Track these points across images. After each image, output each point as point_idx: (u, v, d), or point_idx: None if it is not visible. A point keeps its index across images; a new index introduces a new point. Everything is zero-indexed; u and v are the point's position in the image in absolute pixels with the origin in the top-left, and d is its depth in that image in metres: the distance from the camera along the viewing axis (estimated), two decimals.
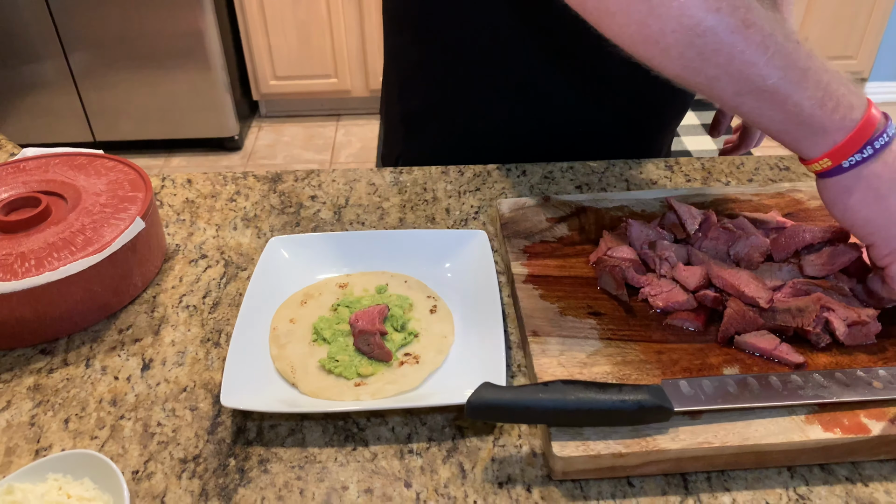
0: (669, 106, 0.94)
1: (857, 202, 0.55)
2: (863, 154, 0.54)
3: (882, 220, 0.55)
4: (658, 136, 0.98)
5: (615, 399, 0.52)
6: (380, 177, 0.90)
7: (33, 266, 0.64)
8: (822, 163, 0.56)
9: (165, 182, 0.90)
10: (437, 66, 0.90)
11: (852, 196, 0.55)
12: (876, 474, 0.54)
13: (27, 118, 2.83)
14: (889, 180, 0.54)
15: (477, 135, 0.93)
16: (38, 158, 0.80)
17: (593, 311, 0.64)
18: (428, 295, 0.70)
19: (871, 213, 0.56)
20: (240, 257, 0.77)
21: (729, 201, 0.78)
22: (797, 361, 0.58)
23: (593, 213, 0.77)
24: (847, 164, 0.55)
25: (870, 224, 0.56)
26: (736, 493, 0.53)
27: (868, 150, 0.54)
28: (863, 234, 0.57)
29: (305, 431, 0.58)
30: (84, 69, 2.72)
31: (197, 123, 2.89)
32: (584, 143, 0.93)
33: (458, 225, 0.81)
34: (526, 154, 0.93)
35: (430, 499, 0.53)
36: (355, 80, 3.05)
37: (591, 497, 0.52)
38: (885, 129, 0.54)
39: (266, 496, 0.53)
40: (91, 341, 0.67)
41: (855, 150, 0.54)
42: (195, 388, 0.62)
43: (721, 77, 0.54)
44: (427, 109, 0.95)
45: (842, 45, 3.04)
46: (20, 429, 0.58)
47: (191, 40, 2.67)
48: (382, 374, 0.61)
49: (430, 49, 0.89)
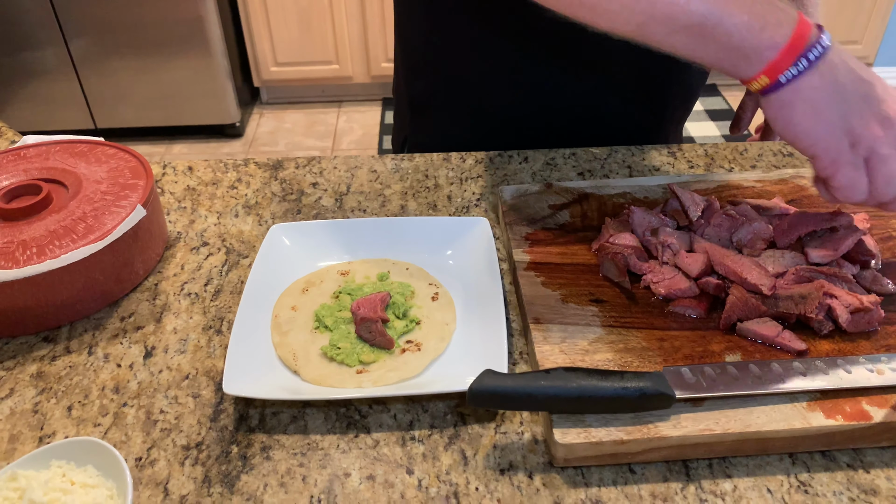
0: (672, 92, 0.93)
1: (797, 116, 0.56)
2: (797, 68, 0.55)
3: (821, 132, 0.56)
4: (663, 125, 0.97)
5: (617, 386, 0.52)
6: (381, 164, 0.90)
7: (35, 254, 0.64)
8: (759, 81, 0.56)
9: (166, 169, 0.90)
10: (441, 52, 0.90)
11: (793, 110, 0.56)
12: (877, 461, 0.54)
13: (28, 106, 2.82)
14: (826, 91, 0.55)
15: (482, 120, 0.93)
16: (38, 146, 0.80)
17: (595, 299, 0.64)
18: (430, 282, 0.70)
19: (811, 126, 0.56)
20: (241, 245, 0.77)
21: (732, 188, 0.78)
22: (799, 348, 0.58)
23: (596, 200, 0.77)
24: (784, 80, 0.55)
25: (810, 136, 0.57)
26: (737, 480, 0.53)
27: (803, 62, 0.54)
28: (804, 146, 0.58)
29: (307, 418, 0.58)
30: (84, 56, 2.71)
31: (198, 110, 2.88)
32: (587, 130, 0.93)
33: (459, 212, 0.81)
34: (531, 140, 0.92)
35: (432, 485, 0.53)
36: (357, 67, 3.03)
37: (592, 484, 0.53)
38: (817, 41, 0.55)
39: (269, 483, 0.53)
40: (93, 329, 0.67)
41: (789, 64, 0.55)
42: (197, 375, 0.62)
43: (648, 23, 0.57)
44: (432, 94, 0.95)
45: (846, 30, 3.02)
46: (23, 416, 0.59)
47: (191, 26, 2.66)
48: (384, 362, 0.61)
49: (434, 34, 0.89)
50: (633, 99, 0.91)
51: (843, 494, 0.52)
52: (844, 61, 0.56)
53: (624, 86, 0.89)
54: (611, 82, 0.88)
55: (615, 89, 0.89)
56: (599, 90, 0.88)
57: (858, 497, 0.51)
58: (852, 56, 0.57)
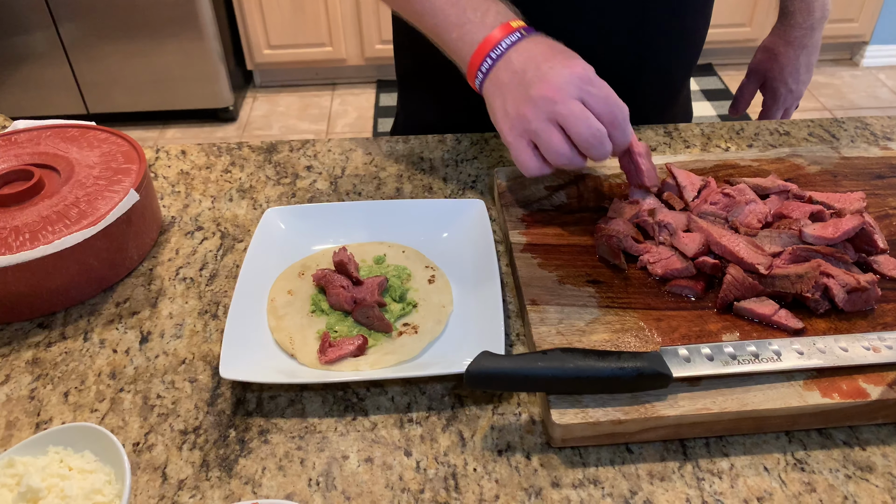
0: (649, 80, 0.92)
1: (494, 108, 0.66)
2: (482, 68, 0.65)
3: (497, 120, 0.65)
4: (660, 95, 0.96)
5: (614, 366, 0.52)
6: (376, 146, 0.89)
7: (28, 240, 0.64)
8: (472, 81, 0.67)
9: (159, 154, 0.89)
10: None
11: (492, 104, 0.66)
12: (873, 438, 0.54)
13: (18, 90, 2.80)
14: (497, 86, 0.65)
15: (465, 96, 0.93)
16: (29, 131, 0.79)
17: (592, 280, 0.64)
18: (426, 265, 0.69)
19: (493, 115, 0.66)
20: (236, 229, 0.76)
21: (729, 167, 0.78)
22: (796, 327, 0.58)
23: (592, 181, 0.76)
24: (478, 83, 0.66)
25: (496, 125, 0.66)
26: (734, 459, 0.53)
27: (487, 62, 0.64)
28: (501, 132, 0.66)
29: (305, 402, 0.58)
30: (75, 40, 2.68)
31: (191, 94, 2.86)
32: None
33: (455, 194, 0.80)
34: None
35: (430, 467, 0.53)
36: (350, 49, 3.01)
37: (590, 464, 0.53)
38: (498, 44, 0.64)
39: (267, 466, 0.53)
40: (88, 315, 0.66)
41: (475, 70, 0.65)
42: (194, 360, 0.62)
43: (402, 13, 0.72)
44: (417, 69, 0.96)
45: (843, 9, 3.00)
46: (20, 402, 0.59)
47: (183, 9, 2.63)
48: (381, 345, 0.61)
49: None
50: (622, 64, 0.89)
51: (840, 472, 0.52)
52: (525, 56, 0.64)
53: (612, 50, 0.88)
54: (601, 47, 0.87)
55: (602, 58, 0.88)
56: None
57: (854, 474, 0.52)
58: (545, 48, 0.64)
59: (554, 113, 0.61)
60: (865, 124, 0.92)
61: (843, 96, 3.05)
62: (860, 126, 0.92)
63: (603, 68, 0.64)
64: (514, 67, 0.63)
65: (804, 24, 0.99)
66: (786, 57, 1.03)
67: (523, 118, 0.63)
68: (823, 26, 1.01)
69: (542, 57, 0.63)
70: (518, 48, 0.64)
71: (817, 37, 1.01)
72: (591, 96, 0.62)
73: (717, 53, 3.22)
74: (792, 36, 1.01)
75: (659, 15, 0.85)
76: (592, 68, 0.64)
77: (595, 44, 0.82)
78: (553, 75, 0.62)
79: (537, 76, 0.62)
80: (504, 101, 0.64)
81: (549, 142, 0.62)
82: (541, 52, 0.64)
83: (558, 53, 0.64)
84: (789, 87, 1.05)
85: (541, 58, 0.63)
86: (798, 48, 1.01)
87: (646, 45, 0.86)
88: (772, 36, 1.04)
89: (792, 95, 1.06)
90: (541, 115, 0.62)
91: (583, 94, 0.62)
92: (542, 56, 0.63)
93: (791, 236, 0.64)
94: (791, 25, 1.00)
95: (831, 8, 0.99)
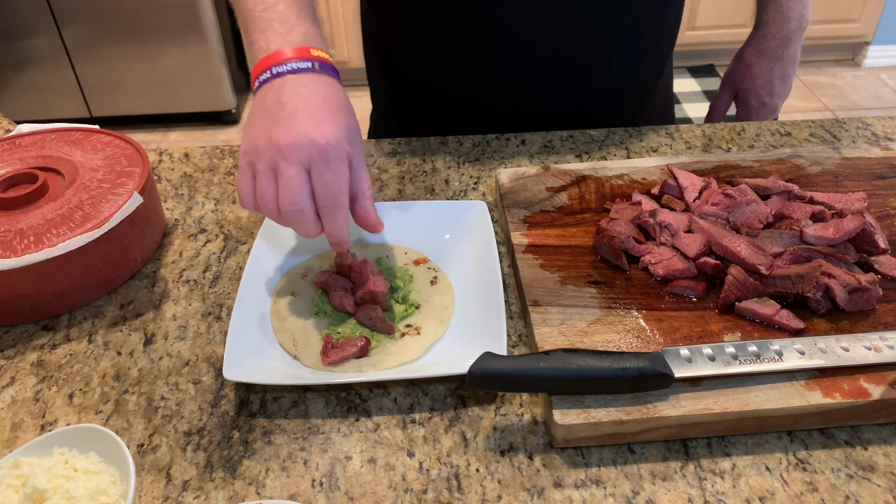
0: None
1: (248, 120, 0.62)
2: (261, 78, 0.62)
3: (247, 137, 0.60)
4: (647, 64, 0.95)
5: (616, 367, 0.52)
6: (378, 148, 0.89)
7: (32, 242, 0.64)
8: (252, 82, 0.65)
9: (163, 156, 0.90)
10: (376, 25, 0.96)
11: (251, 114, 0.62)
12: (875, 437, 0.54)
13: (22, 94, 2.80)
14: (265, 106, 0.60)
15: (451, 106, 0.94)
16: (33, 134, 0.80)
17: (594, 280, 0.64)
18: (428, 266, 0.70)
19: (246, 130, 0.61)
20: (239, 231, 0.77)
21: (730, 168, 0.78)
22: (798, 327, 0.58)
23: (594, 182, 0.76)
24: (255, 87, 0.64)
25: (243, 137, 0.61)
26: (736, 458, 0.53)
27: (266, 73, 0.62)
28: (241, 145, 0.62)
29: (308, 403, 0.58)
30: (78, 43, 2.69)
31: (193, 97, 2.86)
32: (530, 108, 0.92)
33: (457, 196, 0.81)
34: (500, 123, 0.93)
35: (433, 467, 0.53)
36: (352, 51, 3.01)
37: (592, 464, 0.53)
38: (287, 60, 0.62)
39: (270, 467, 0.53)
40: (93, 317, 0.67)
41: (258, 74, 0.63)
42: (198, 361, 0.62)
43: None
44: (380, 68, 0.98)
45: (844, 9, 3.00)
46: (25, 404, 0.59)
47: (186, 12, 2.64)
48: (384, 346, 0.61)
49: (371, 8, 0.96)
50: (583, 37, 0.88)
51: (841, 471, 0.52)
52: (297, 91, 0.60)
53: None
54: (534, 67, 0.87)
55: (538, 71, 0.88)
56: (523, 68, 0.87)
57: (856, 474, 0.52)
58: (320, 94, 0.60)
59: (276, 166, 0.57)
60: (867, 125, 0.92)
61: (845, 97, 3.05)
62: (861, 126, 0.92)
63: (557, 68, 0.62)
64: (281, 95, 0.59)
65: (778, 35, 0.94)
66: (758, 68, 0.97)
67: (257, 151, 0.58)
68: (801, 37, 0.96)
69: (307, 102, 0.59)
70: (299, 78, 0.60)
71: (794, 48, 0.96)
72: (318, 172, 0.57)
73: (717, 54, 3.21)
74: (765, 46, 0.96)
75: (614, 19, 0.83)
76: (346, 141, 0.59)
77: (549, 43, 0.82)
78: (298, 128, 0.57)
79: (287, 119, 0.58)
80: (255, 120, 0.60)
81: (262, 189, 0.58)
82: (312, 96, 0.59)
83: (326, 107, 0.59)
84: (762, 100, 0.99)
85: (306, 102, 0.59)
86: (771, 59, 0.96)
87: (599, 54, 0.85)
88: (746, 46, 0.99)
89: (766, 109, 1.00)
90: (267, 160, 0.57)
91: (312, 165, 0.57)
92: (309, 101, 0.59)
93: (792, 237, 0.64)
94: (764, 36, 0.95)
95: (810, 18, 0.94)
